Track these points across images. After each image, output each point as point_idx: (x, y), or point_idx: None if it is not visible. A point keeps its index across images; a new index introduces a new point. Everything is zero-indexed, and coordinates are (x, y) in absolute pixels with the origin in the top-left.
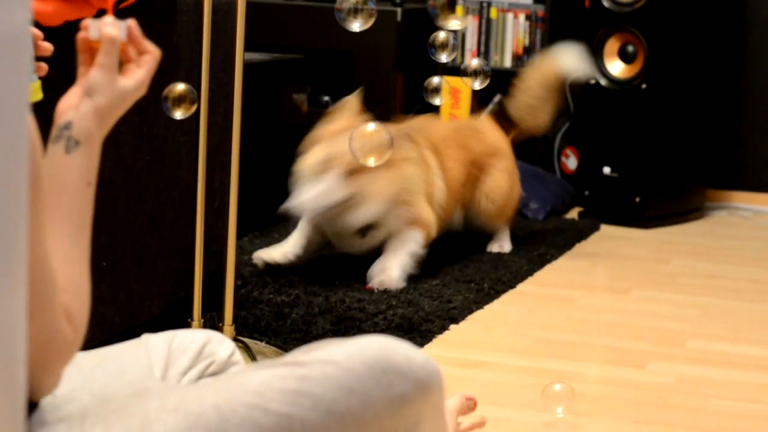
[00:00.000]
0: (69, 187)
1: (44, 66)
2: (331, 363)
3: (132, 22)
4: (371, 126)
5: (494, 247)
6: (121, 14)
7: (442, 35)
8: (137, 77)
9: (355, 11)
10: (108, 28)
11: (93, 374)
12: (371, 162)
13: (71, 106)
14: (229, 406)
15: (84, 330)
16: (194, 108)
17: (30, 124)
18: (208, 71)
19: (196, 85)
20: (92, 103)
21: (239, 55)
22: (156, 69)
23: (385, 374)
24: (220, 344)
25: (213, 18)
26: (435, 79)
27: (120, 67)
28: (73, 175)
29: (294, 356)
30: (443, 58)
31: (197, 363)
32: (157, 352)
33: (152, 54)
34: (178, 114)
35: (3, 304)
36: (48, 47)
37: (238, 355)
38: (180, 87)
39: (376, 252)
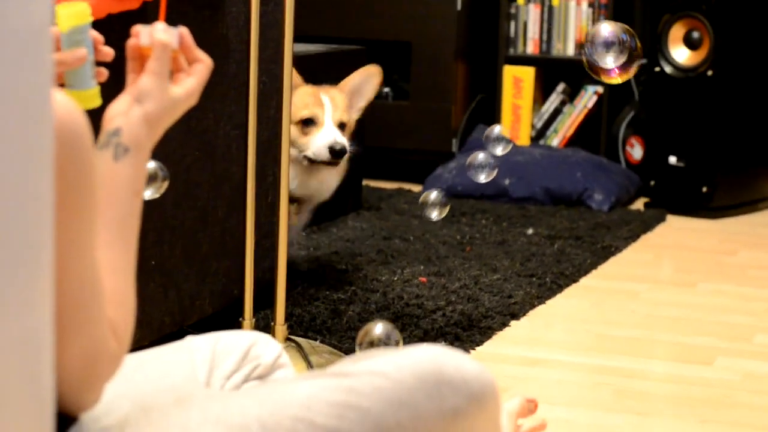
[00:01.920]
0: (116, 195)
1: (104, 71)
2: (380, 374)
3: (184, 30)
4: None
5: None
6: (169, 7)
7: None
8: (188, 86)
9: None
10: (160, 34)
11: (134, 379)
12: None
13: (120, 112)
14: (273, 419)
15: (128, 344)
16: (166, 184)
17: (83, 127)
18: (257, 63)
19: (245, 77)
20: (142, 110)
21: (288, 47)
22: (207, 78)
23: (436, 387)
24: (266, 346)
25: (264, 9)
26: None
27: (171, 75)
28: (121, 183)
29: (342, 366)
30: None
31: (242, 366)
32: (200, 355)
33: (204, 63)
34: (149, 194)
35: (26, 317)
36: (109, 52)
37: (285, 358)
38: (149, 165)
39: None
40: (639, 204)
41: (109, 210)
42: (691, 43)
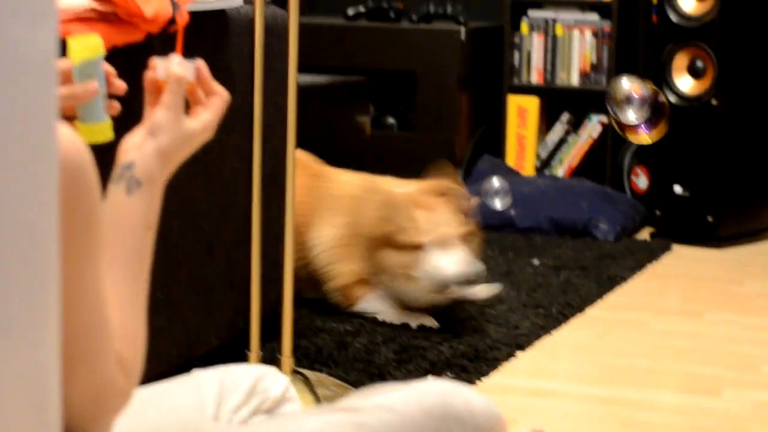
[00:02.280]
0: (128, 229)
1: (117, 105)
2: (388, 409)
3: (201, 63)
4: None
5: None
6: (173, 39)
7: None
8: (203, 119)
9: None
10: (175, 67)
11: (143, 413)
12: None
13: (135, 145)
14: None
15: (138, 378)
16: None
17: (88, 163)
18: (261, 95)
19: (250, 109)
20: (155, 144)
21: (292, 78)
22: (224, 112)
23: (444, 421)
24: (274, 380)
25: (268, 40)
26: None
27: (188, 108)
28: (133, 218)
29: (351, 401)
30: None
31: (250, 400)
32: (208, 389)
33: (221, 96)
34: None
35: (33, 351)
36: (121, 85)
37: (293, 392)
38: None
39: None
40: (645, 234)
41: (120, 244)
42: (695, 72)
